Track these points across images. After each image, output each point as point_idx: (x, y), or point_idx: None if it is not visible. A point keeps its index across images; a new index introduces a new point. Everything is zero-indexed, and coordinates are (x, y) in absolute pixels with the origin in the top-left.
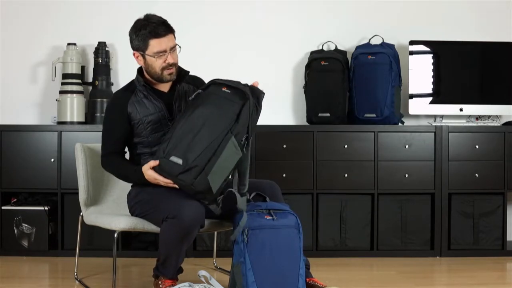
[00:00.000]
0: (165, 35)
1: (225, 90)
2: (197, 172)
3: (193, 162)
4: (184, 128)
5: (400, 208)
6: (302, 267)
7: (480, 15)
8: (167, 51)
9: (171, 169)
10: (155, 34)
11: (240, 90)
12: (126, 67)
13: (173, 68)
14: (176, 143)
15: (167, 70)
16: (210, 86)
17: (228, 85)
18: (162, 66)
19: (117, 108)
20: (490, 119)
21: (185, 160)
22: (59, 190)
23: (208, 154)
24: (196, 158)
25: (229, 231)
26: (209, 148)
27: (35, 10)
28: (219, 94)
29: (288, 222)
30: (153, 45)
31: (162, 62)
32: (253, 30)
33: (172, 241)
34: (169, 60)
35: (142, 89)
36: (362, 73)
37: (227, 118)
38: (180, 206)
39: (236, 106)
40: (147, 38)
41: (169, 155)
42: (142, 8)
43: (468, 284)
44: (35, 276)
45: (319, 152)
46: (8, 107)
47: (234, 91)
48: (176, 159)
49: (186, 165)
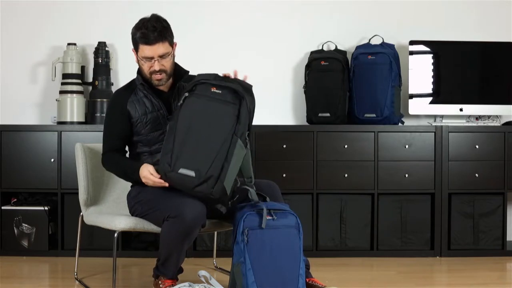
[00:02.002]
0: (154, 43)
1: (215, 90)
2: (213, 182)
3: (207, 173)
4: (185, 137)
5: (400, 208)
6: (302, 267)
7: (480, 15)
8: (154, 58)
9: (185, 183)
10: (144, 40)
11: (231, 88)
12: (126, 67)
13: (162, 74)
14: (180, 154)
15: (154, 75)
16: (196, 87)
17: (216, 85)
18: (148, 71)
19: (117, 107)
20: (490, 119)
21: (198, 172)
22: (59, 190)
23: (219, 162)
24: (209, 168)
25: (229, 231)
26: (219, 156)
27: (35, 10)
28: (210, 96)
29: (288, 222)
30: (142, 50)
31: (148, 68)
32: (253, 30)
33: (173, 241)
34: (155, 67)
35: (141, 88)
36: (362, 73)
37: (228, 121)
38: (182, 205)
39: (233, 107)
40: (139, 43)
41: (177, 168)
42: (142, 8)
43: (468, 284)
44: (35, 276)
45: (319, 152)
46: (8, 107)
47: (224, 90)
48: (186, 171)
49: (201, 177)
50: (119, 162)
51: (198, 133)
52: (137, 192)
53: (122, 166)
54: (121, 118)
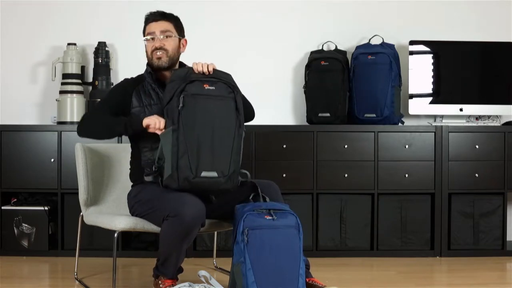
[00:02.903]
0: (157, 20)
1: (208, 87)
2: (235, 176)
3: (229, 170)
4: (197, 141)
5: (400, 208)
6: (302, 267)
7: (480, 15)
8: (156, 34)
9: (211, 185)
10: (149, 20)
11: (222, 82)
12: (126, 67)
13: (162, 53)
14: (198, 158)
15: (155, 53)
16: (186, 86)
17: (208, 81)
18: (150, 50)
19: (121, 88)
20: (490, 119)
21: (220, 172)
22: (59, 190)
23: (236, 157)
24: (230, 165)
25: (229, 231)
26: (234, 151)
27: (35, 10)
28: (206, 94)
29: (288, 222)
30: (146, 29)
31: (150, 47)
32: (253, 30)
33: (173, 240)
34: (155, 44)
35: (149, 78)
36: (362, 73)
37: (232, 116)
38: (181, 204)
39: (230, 101)
40: (145, 24)
41: (199, 172)
42: (142, 8)
43: (468, 284)
44: (35, 276)
45: (319, 152)
46: (8, 107)
47: (216, 85)
48: (207, 173)
49: (225, 175)
50: (103, 117)
51: (209, 135)
52: (137, 192)
53: (106, 118)
54: (120, 98)
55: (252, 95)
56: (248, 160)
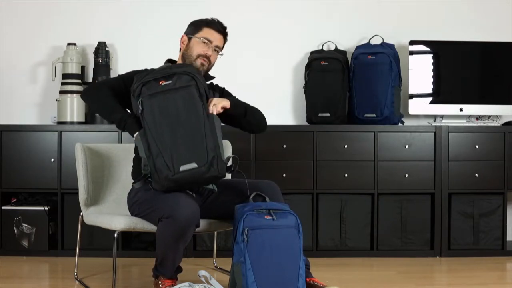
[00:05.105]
0: (221, 34)
1: (165, 83)
2: (218, 161)
3: (208, 157)
4: (167, 139)
5: (400, 208)
6: (302, 267)
7: (480, 15)
8: (213, 44)
9: (195, 177)
10: (215, 27)
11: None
12: (126, 67)
13: (207, 61)
14: (173, 156)
15: (201, 59)
16: (142, 89)
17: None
18: (199, 53)
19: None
20: (490, 119)
21: (199, 161)
22: (59, 190)
23: (212, 142)
24: (207, 152)
25: (229, 231)
26: (208, 137)
27: (35, 10)
28: (163, 90)
29: (288, 222)
30: (205, 32)
31: (202, 49)
32: (253, 30)
33: (168, 241)
34: (208, 52)
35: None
36: (362, 73)
37: (196, 103)
38: (176, 206)
39: (192, 89)
40: (203, 25)
41: (177, 168)
42: (142, 8)
43: (468, 284)
44: (35, 276)
45: (319, 152)
46: (8, 107)
47: (173, 78)
48: (185, 166)
49: (205, 164)
50: (110, 97)
51: (177, 128)
52: (136, 192)
53: (110, 102)
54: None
55: (252, 95)
56: (248, 160)
